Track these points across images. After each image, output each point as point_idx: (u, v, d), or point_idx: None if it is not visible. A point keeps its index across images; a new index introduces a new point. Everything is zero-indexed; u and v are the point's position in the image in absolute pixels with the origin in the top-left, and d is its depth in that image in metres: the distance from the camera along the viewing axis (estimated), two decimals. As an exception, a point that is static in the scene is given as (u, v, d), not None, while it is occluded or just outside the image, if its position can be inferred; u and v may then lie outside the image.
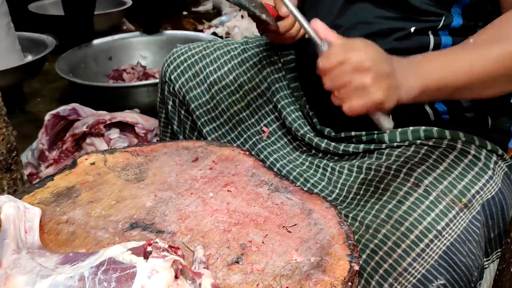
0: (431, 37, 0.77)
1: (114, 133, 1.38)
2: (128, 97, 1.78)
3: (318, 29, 0.64)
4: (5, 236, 0.55)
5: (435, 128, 0.79)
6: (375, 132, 0.83)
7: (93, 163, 0.79)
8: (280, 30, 0.83)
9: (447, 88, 0.65)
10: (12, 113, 1.94)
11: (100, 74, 2.15)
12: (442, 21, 0.76)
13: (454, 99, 0.70)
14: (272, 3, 0.82)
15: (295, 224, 0.64)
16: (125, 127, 1.43)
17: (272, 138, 0.97)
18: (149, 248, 0.47)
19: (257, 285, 0.55)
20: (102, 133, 1.36)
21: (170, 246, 0.49)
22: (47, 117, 1.38)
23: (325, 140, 0.89)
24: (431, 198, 0.70)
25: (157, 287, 0.44)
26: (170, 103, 1.04)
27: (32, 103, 2.13)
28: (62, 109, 1.41)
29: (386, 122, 0.62)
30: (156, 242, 0.48)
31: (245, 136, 0.98)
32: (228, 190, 0.72)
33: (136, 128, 1.40)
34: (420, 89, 0.63)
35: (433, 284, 0.64)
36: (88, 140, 1.38)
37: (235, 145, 0.96)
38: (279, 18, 0.82)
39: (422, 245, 0.66)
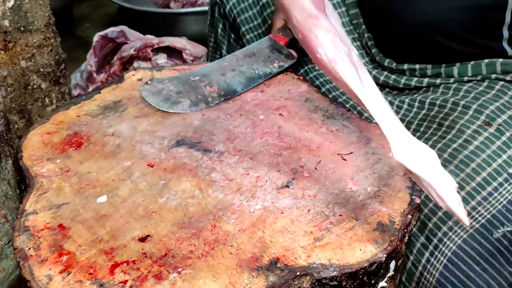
0: None
1: (162, 58, 1.35)
2: (176, 24, 1.73)
3: None
4: None
5: (514, 61, 0.70)
6: (443, 65, 0.75)
7: (140, 79, 0.76)
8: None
9: None
10: (62, 36, 1.95)
11: (149, 0, 2.10)
12: None
13: None
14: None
15: (351, 152, 0.59)
16: (173, 53, 1.40)
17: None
18: None
19: (308, 211, 0.51)
20: (150, 57, 1.33)
21: None
22: (96, 38, 1.36)
23: (385, 73, 0.82)
24: (503, 138, 0.64)
25: None
26: (220, 25, 0.99)
27: (81, 28, 2.13)
28: (111, 31, 1.38)
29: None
30: None
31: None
32: (279, 114, 0.67)
33: (184, 54, 1.36)
34: None
35: (499, 231, 0.59)
36: (135, 64, 1.36)
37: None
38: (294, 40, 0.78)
39: (489, 188, 0.61)
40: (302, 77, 0.77)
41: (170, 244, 0.48)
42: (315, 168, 0.57)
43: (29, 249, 0.47)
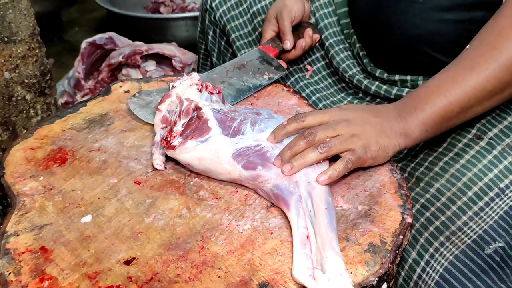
0: None
1: (151, 65, 1.33)
2: (166, 30, 1.71)
3: None
4: None
5: (505, 75, 0.70)
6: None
7: (127, 91, 0.75)
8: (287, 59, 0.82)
9: (451, 113, 0.59)
10: (50, 41, 1.92)
11: (139, 5, 2.08)
12: None
13: (471, 117, 0.62)
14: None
15: (342, 169, 0.58)
16: (162, 60, 1.38)
17: (316, 78, 0.90)
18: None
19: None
20: (138, 64, 1.31)
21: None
22: (83, 44, 1.34)
23: (376, 83, 0.81)
24: (495, 152, 0.63)
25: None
26: (211, 33, 0.97)
27: (70, 33, 2.10)
28: (99, 37, 1.36)
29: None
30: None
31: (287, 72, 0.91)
32: (269, 128, 0.66)
33: (173, 61, 1.34)
34: (421, 127, 0.59)
35: (491, 246, 0.59)
36: (124, 71, 1.34)
37: (277, 82, 0.89)
38: (283, 51, 0.81)
39: (481, 203, 0.60)
40: (292, 89, 0.76)
41: (156, 267, 0.47)
42: (305, 185, 0.56)
43: (9, 274, 0.45)
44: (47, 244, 0.49)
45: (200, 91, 0.62)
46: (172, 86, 0.63)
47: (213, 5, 0.94)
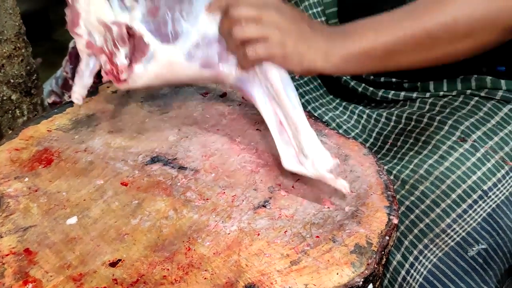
0: None
1: (139, 66, 1.32)
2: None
3: None
4: None
5: (488, 77, 0.71)
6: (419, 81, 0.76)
7: (115, 92, 0.74)
8: None
9: (375, 51, 0.57)
10: (38, 40, 1.90)
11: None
12: None
13: (393, 67, 0.61)
14: None
15: (329, 171, 0.59)
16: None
17: (305, 78, 0.90)
18: None
19: (285, 232, 0.50)
20: (127, 65, 1.31)
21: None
22: (71, 44, 1.33)
23: (363, 85, 0.82)
24: (478, 154, 0.64)
25: None
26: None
27: (58, 32, 2.09)
28: (87, 37, 1.35)
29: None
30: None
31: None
32: (257, 129, 0.66)
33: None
34: (343, 54, 0.56)
35: (474, 248, 0.59)
36: (112, 72, 1.32)
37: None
38: None
39: (464, 206, 0.61)
40: (280, 91, 0.76)
41: (142, 269, 0.46)
42: (292, 187, 0.57)
43: (-7, 276, 0.45)
44: (31, 246, 0.48)
45: None
46: (72, 4, 0.56)
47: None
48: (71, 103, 0.71)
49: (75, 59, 1.37)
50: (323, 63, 0.56)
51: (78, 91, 0.54)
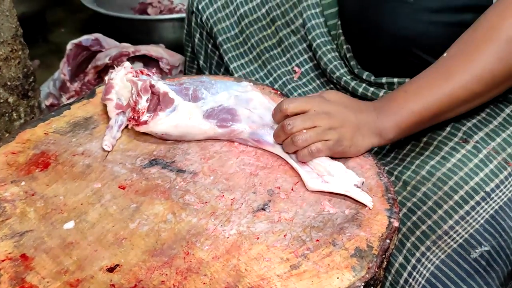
0: None
1: (138, 67, 1.31)
2: (153, 32, 1.69)
3: None
4: None
5: (491, 78, 0.71)
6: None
7: (112, 94, 0.74)
8: None
9: (423, 118, 0.62)
10: (35, 42, 1.89)
11: (126, 6, 2.06)
12: None
13: (446, 119, 0.66)
14: None
15: (329, 173, 0.58)
16: (149, 62, 1.36)
17: (304, 80, 0.89)
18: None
19: (284, 236, 0.50)
20: (125, 66, 1.30)
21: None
22: (69, 46, 1.32)
23: (363, 85, 0.81)
24: (480, 155, 0.63)
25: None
26: (197, 35, 0.97)
27: (55, 33, 2.07)
28: (85, 39, 1.34)
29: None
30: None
31: (274, 75, 0.91)
32: (256, 132, 0.66)
33: (160, 63, 1.33)
34: (395, 130, 0.62)
35: (476, 250, 0.59)
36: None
37: (264, 83, 0.88)
38: None
39: (467, 207, 0.60)
40: (279, 91, 0.76)
41: (140, 274, 0.46)
42: (292, 190, 0.56)
43: (-11, 282, 0.44)
44: (28, 252, 0.47)
45: (137, 76, 0.66)
46: (110, 79, 0.67)
47: (200, 7, 0.93)
48: (68, 106, 0.71)
49: (73, 60, 1.36)
50: (380, 142, 0.63)
51: (109, 140, 0.62)
